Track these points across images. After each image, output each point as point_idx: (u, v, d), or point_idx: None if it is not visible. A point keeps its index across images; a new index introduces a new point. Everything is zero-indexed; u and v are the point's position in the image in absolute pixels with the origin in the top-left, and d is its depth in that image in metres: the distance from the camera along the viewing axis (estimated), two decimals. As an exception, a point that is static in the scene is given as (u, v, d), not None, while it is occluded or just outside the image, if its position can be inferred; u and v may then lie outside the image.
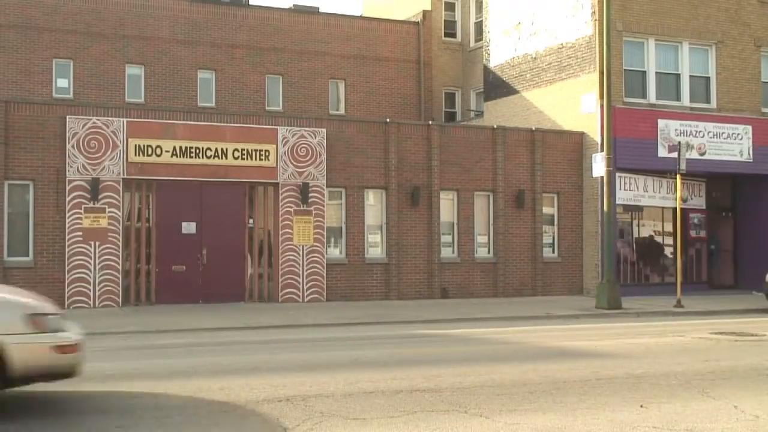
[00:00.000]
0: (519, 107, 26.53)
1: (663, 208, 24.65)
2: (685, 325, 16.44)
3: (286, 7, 31.14)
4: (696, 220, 25.75)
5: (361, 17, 32.70)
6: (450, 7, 32.32)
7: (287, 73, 29.35)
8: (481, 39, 29.97)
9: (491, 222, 23.32)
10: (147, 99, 27.45)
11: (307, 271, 20.95)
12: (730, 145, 24.61)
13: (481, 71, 29.57)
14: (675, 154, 21.34)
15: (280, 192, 20.88)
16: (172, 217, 20.21)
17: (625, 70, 23.70)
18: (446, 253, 22.74)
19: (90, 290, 19.09)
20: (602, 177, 21.14)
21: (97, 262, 19.16)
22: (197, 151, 20.07)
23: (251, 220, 21.05)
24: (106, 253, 19.25)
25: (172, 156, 19.86)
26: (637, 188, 24.03)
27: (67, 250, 18.94)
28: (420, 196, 22.22)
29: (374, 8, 35.37)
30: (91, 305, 19.03)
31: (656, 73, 24.25)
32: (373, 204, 22.20)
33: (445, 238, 22.81)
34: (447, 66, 32.01)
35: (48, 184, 18.99)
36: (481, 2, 29.94)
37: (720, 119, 24.56)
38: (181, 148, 19.92)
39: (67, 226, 19.00)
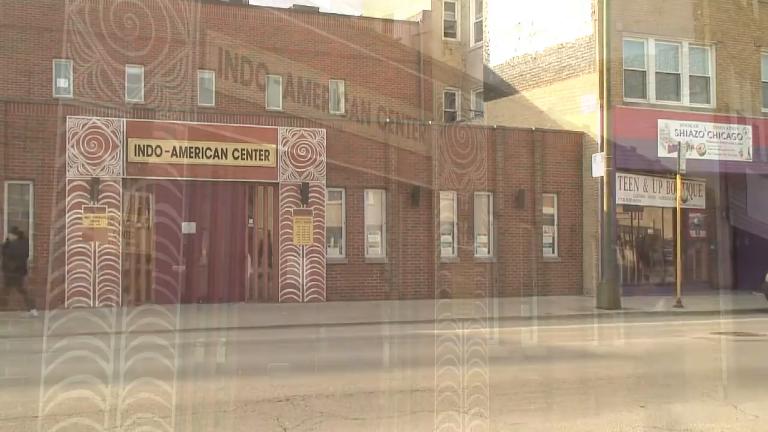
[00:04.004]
0: (519, 107, 26.50)
1: (663, 208, 24.64)
2: (685, 325, 16.43)
3: (286, 7, 31.12)
4: (696, 220, 25.74)
5: (361, 17, 32.68)
6: (450, 7, 32.30)
7: (287, 73, 29.33)
8: (481, 39, 29.95)
9: (491, 222, 23.31)
10: (147, 99, 27.43)
11: (307, 271, 20.93)
12: (730, 145, 24.59)
13: (481, 71, 29.55)
14: (675, 154, 21.33)
15: (280, 192, 20.87)
16: (172, 217, 20.18)
17: (624, 70, 23.67)
18: (446, 253, 22.72)
19: (90, 290, 19.07)
20: (602, 177, 21.14)
21: (97, 262, 19.15)
22: (197, 151, 20.06)
23: (251, 220, 21.04)
24: (106, 253, 19.23)
25: (172, 156, 19.85)
26: (637, 188, 24.01)
27: (67, 250, 18.93)
28: (420, 196, 22.21)
29: (374, 8, 35.34)
30: (91, 305, 19.01)
31: (656, 73, 24.22)
32: (373, 204, 22.18)
33: (445, 238, 22.79)
34: (447, 66, 31.99)
35: (48, 184, 18.97)
36: (481, 2, 29.91)
37: (720, 119, 24.54)
38: (181, 148, 19.91)
39: (67, 226, 18.98)
